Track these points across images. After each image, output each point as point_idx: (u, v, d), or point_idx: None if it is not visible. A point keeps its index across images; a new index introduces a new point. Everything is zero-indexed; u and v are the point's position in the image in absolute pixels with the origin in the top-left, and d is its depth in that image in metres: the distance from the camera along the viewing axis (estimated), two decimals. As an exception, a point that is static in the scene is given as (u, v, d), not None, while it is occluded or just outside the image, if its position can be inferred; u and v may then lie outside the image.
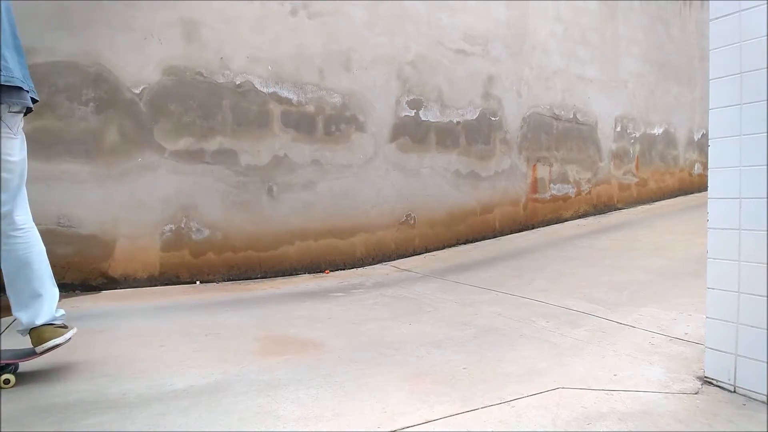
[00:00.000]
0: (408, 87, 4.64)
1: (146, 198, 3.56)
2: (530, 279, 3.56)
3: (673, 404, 1.65)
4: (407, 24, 4.60)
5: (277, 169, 3.98)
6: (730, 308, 1.72)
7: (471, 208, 5.11)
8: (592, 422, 1.54)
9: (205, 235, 3.74)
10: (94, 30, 3.38)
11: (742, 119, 1.68)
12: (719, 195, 1.76)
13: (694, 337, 2.21)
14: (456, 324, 2.63)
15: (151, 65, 3.54)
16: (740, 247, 1.69)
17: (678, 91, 7.62)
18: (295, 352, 2.25)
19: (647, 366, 1.97)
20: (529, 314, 2.74)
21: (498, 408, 1.65)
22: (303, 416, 1.63)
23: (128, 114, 3.50)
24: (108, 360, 2.16)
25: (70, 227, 3.36)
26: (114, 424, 1.60)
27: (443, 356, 2.16)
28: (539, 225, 5.71)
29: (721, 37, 1.75)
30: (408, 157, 4.66)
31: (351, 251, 4.33)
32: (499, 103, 5.33)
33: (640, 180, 7.03)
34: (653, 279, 3.32)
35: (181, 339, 2.45)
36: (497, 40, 5.27)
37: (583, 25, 6.15)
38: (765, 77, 1.61)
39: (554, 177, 5.89)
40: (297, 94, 4.05)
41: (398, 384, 1.87)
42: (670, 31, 7.44)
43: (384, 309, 3.01)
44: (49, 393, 1.83)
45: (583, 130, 6.24)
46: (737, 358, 1.70)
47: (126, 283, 3.52)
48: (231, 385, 1.89)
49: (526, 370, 1.98)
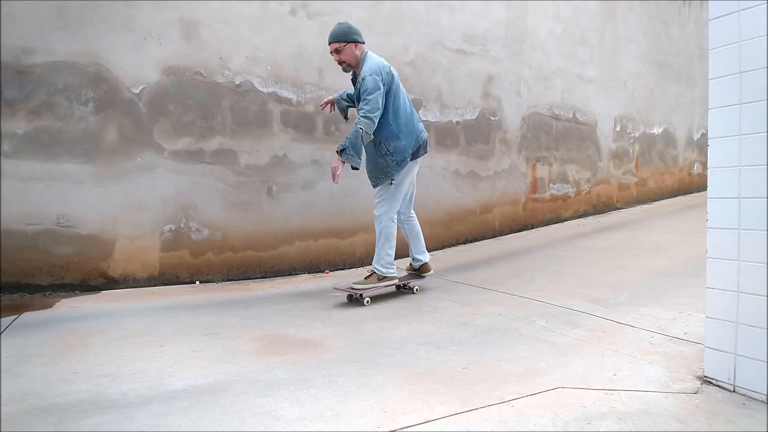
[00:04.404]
0: (407, 87, 4.62)
1: (146, 198, 3.56)
2: (530, 279, 3.56)
3: (672, 404, 1.65)
4: (406, 24, 4.60)
5: (277, 169, 3.98)
6: (730, 308, 1.72)
7: (470, 207, 5.11)
8: (592, 422, 1.54)
9: (205, 235, 3.74)
10: (93, 30, 3.38)
11: (742, 119, 1.68)
12: (719, 195, 1.76)
13: (694, 336, 2.22)
14: (455, 324, 2.63)
15: (150, 65, 3.54)
16: (740, 247, 1.69)
17: (677, 91, 7.63)
18: (295, 352, 2.26)
19: (647, 365, 1.97)
20: (528, 314, 2.74)
21: (497, 408, 1.65)
22: (303, 416, 1.63)
23: (128, 114, 3.50)
24: (108, 360, 2.16)
25: (69, 227, 3.36)
26: (114, 424, 1.60)
27: (443, 356, 2.16)
28: (539, 225, 5.71)
29: (720, 37, 1.75)
30: (407, 156, 4.65)
31: (351, 251, 4.33)
32: (499, 103, 5.33)
33: (640, 180, 7.03)
34: (653, 279, 3.32)
35: (181, 339, 2.45)
36: (497, 39, 5.27)
37: (583, 25, 6.16)
38: (764, 77, 1.61)
39: (554, 177, 5.90)
40: (296, 94, 4.05)
41: (398, 384, 1.87)
42: (669, 31, 7.44)
43: (383, 309, 3.01)
44: (49, 393, 1.83)
45: (583, 129, 6.24)
46: (737, 358, 1.70)
47: (126, 283, 3.52)
48: (231, 385, 1.89)
49: (526, 369, 1.98)
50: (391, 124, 3.13)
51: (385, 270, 3.23)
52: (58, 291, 3.34)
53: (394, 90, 3.15)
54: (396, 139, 3.14)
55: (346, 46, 3.12)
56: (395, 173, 3.19)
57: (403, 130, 3.17)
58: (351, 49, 3.13)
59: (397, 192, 3.23)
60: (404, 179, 3.25)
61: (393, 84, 3.15)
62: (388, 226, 3.22)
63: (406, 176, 3.26)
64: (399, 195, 3.25)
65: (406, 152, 3.17)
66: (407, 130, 3.19)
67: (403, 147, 3.16)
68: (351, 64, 3.18)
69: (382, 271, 3.22)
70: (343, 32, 3.12)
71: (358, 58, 3.17)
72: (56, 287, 3.34)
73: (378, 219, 3.23)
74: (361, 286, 3.14)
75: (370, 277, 3.23)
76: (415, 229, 3.46)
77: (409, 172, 3.27)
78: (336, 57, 3.16)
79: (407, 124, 3.19)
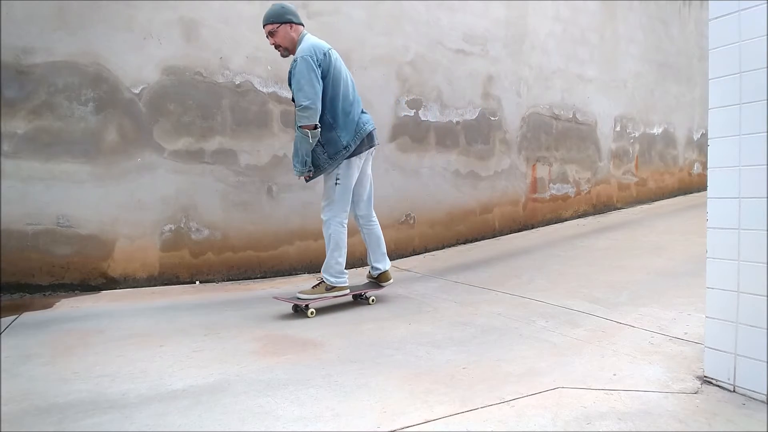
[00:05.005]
0: (407, 87, 4.64)
1: (146, 198, 3.56)
2: (530, 279, 3.56)
3: (672, 404, 1.65)
4: (406, 24, 4.60)
5: (277, 169, 3.98)
6: (730, 308, 1.72)
7: (470, 207, 5.11)
8: (592, 422, 1.54)
9: (205, 235, 3.74)
10: (93, 30, 3.38)
11: (742, 119, 1.68)
12: (719, 195, 1.76)
13: (694, 336, 2.22)
14: (455, 324, 2.63)
15: (150, 65, 3.54)
16: (740, 247, 1.69)
17: (677, 91, 7.63)
18: (295, 352, 2.26)
19: (647, 365, 1.97)
20: (528, 314, 2.74)
21: (497, 408, 1.65)
22: (302, 416, 1.63)
23: (127, 114, 3.50)
24: (108, 360, 2.16)
25: (69, 227, 3.36)
26: (114, 424, 1.60)
27: (443, 356, 2.16)
28: (539, 225, 5.71)
29: (720, 37, 1.75)
30: (407, 156, 4.66)
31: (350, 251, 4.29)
32: (499, 103, 5.33)
33: (640, 180, 7.03)
34: (653, 279, 3.32)
35: (181, 339, 2.45)
36: (496, 39, 5.27)
37: (583, 25, 6.16)
38: (764, 77, 1.61)
39: (554, 177, 5.90)
40: (296, 94, 4.05)
41: (398, 384, 1.87)
42: (669, 31, 7.44)
43: (383, 309, 3.01)
44: (49, 393, 1.83)
45: (583, 129, 6.24)
46: (737, 358, 1.70)
47: (125, 283, 3.52)
48: (231, 385, 1.89)
49: (526, 369, 1.98)
50: (326, 114, 2.85)
51: (335, 279, 2.99)
52: (58, 291, 3.34)
53: (333, 75, 2.85)
54: (329, 130, 2.86)
55: (279, 28, 2.86)
56: (329, 168, 2.92)
57: (341, 121, 2.88)
58: (285, 31, 2.87)
59: (343, 193, 2.95)
60: (349, 178, 2.95)
61: (331, 68, 2.85)
62: (337, 232, 2.96)
63: (351, 174, 2.96)
64: (346, 196, 2.96)
65: (339, 145, 2.87)
66: (346, 121, 2.89)
67: (336, 139, 2.87)
68: (287, 48, 2.91)
69: (330, 281, 2.98)
70: (275, 13, 2.87)
71: (295, 41, 2.89)
72: (56, 287, 3.34)
73: (325, 224, 2.97)
74: (307, 296, 2.91)
75: (317, 286, 2.99)
76: (375, 234, 3.18)
77: (353, 170, 2.96)
78: (271, 41, 2.91)
79: (347, 114, 2.90)
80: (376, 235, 3.18)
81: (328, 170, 2.93)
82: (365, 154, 3.02)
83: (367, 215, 3.17)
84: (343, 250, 3.00)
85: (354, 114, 2.95)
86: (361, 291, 3.16)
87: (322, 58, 2.81)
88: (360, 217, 3.16)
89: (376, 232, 3.18)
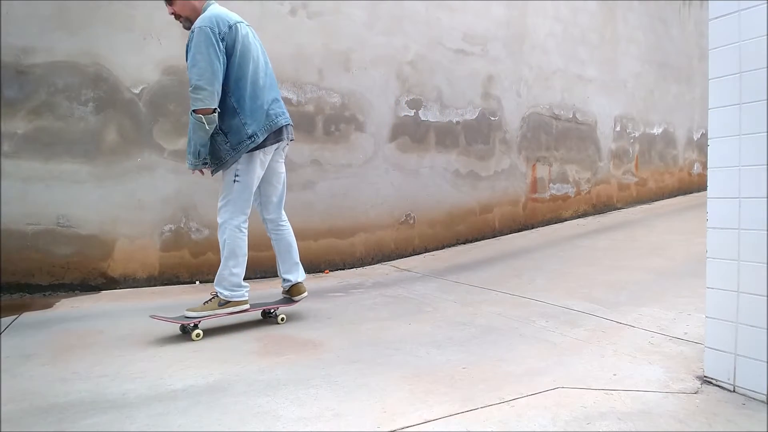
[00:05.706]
0: (407, 87, 4.64)
1: (146, 198, 3.56)
2: (530, 279, 3.56)
3: (672, 404, 1.65)
4: (406, 24, 4.60)
5: (277, 169, 3.98)
6: (730, 308, 1.72)
7: (470, 207, 5.11)
8: (592, 422, 1.54)
9: (205, 235, 3.74)
10: (93, 30, 3.38)
11: (742, 119, 1.68)
12: (719, 194, 1.76)
13: (694, 336, 2.22)
14: (455, 324, 2.63)
15: (150, 65, 3.54)
16: (740, 247, 1.69)
17: (677, 91, 7.63)
18: (295, 352, 2.26)
19: (647, 365, 1.97)
20: (528, 314, 2.74)
21: (497, 408, 1.65)
22: (303, 416, 1.63)
23: (127, 114, 3.50)
24: (108, 360, 2.16)
25: (69, 227, 3.36)
26: (114, 424, 1.60)
27: (443, 356, 2.16)
28: (539, 225, 5.71)
29: (720, 37, 1.75)
30: (407, 156, 4.66)
31: (350, 251, 4.33)
32: (499, 103, 5.33)
33: (640, 180, 7.03)
34: (653, 278, 3.32)
35: (181, 339, 2.45)
36: (496, 39, 5.27)
37: (583, 25, 6.16)
38: (764, 77, 1.61)
39: (554, 177, 5.90)
40: (296, 94, 4.05)
41: (398, 384, 1.87)
42: (669, 31, 7.44)
43: (383, 309, 3.01)
44: (49, 393, 1.83)
45: (583, 129, 6.24)
46: (737, 358, 1.71)
47: (125, 283, 3.52)
48: (231, 385, 1.89)
49: (526, 369, 1.98)
50: (230, 97, 2.48)
51: (229, 293, 2.55)
52: (58, 291, 3.35)
53: (240, 52, 2.46)
54: (233, 116, 2.48)
55: None
56: (231, 161, 2.50)
57: (247, 107, 2.49)
58: None
59: (243, 192, 2.54)
60: (250, 174, 2.55)
61: (238, 44, 2.46)
62: (233, 237, 2.55)
63: (253, 170, 2.55)
64: (245, 195, 2.56)
65: (243, 134, 2.47)
66: (253, 107, 2.51)
67: (241, 127, 2.48)
68: (189, 18, 2.54)
69: (224, 294, 2.54)
70: None
71: (198, 10, 2.51)
72: (56, 287, 3.34)
73: (221, 228, 2.56)
74: (196, 314, 2.46)
75: (210, 301, 2.55)
76: (285, 240, 2.79)
77: (254, 164, 2.55)
78: (169, 10, 2.56)
79: (254, 99, 2.51)
80: (286, 241, 2.81)
81: (230, 163, 2.53)
82: (271, 149, 2.61)
83: (276, 219, 2.80)
84: (241, 258, 2.60)
85: (264, 101, 2.55)
86: (270, 307, 2.76)
87: (226, 31, 2.42)
88: (268, 221, 2.81)
89: (286, 238, 2.82)
